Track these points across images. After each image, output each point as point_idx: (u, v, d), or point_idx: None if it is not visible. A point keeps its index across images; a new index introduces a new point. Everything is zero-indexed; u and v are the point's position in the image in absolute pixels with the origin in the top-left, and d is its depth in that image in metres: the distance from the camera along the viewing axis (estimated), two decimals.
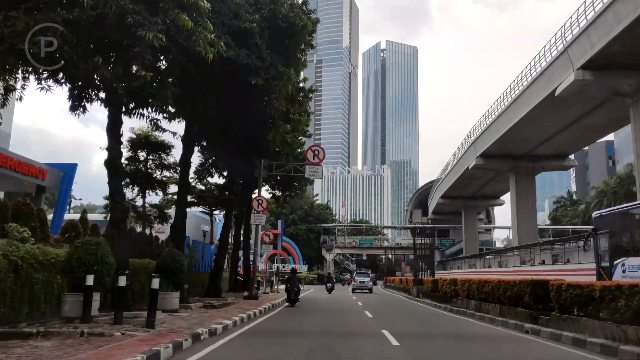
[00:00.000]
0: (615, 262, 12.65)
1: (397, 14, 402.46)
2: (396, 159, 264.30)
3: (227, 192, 24.70)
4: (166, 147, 21.77)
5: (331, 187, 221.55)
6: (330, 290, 31.44)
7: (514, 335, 11.41)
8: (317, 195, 72.67)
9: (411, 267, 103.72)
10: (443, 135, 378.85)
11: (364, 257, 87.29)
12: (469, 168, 40.46)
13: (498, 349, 10.10)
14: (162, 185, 22.79)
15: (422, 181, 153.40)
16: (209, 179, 25.29)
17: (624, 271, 12.07)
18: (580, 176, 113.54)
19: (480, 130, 37.92)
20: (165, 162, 22.11)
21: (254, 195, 21.71)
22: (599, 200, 62.57)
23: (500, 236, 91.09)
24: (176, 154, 21.31)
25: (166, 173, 22.52)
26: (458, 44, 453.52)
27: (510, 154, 37.32)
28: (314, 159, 21.10)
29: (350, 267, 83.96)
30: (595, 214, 15.91)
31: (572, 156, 39.24)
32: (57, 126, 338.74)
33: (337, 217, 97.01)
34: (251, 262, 23.54)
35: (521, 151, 36.81)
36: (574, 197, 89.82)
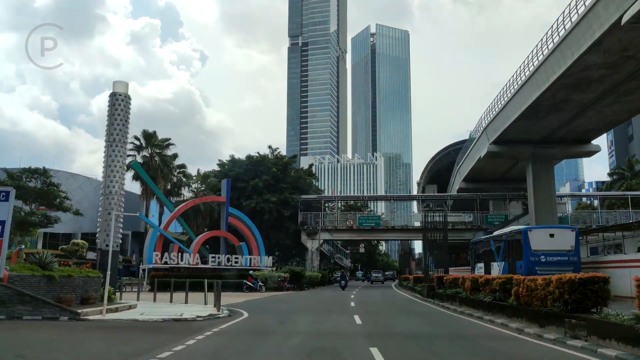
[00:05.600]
0: (475, 265, 26.38)
1: (379, 13, 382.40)
2: (388, 150, 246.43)
3: None
4: None
5: (319, 176, 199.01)
6: (343, 288, 35.02)
7: None
8: (294, 157, 49.42)
9: (417, 263, 79.87)
10: (432, 132, 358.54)
11: (362, 249, 64.55)
12: (597, 43, 17.73)
13: None
14: None
15: (416, 176, 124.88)
16: None
17: (477, 269, 25.00)
18: (621, 147, 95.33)
19: None
20: None
21: None
22: None
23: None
24: None
25: None
26: (440, 42, 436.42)
27: None
28: None
29: (344, 263, 60.79)
30: (472, 240, 30.03)
31: None
32: (39, 129, 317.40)
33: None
34: None
35: None
36: (635, 167, 68.80)
